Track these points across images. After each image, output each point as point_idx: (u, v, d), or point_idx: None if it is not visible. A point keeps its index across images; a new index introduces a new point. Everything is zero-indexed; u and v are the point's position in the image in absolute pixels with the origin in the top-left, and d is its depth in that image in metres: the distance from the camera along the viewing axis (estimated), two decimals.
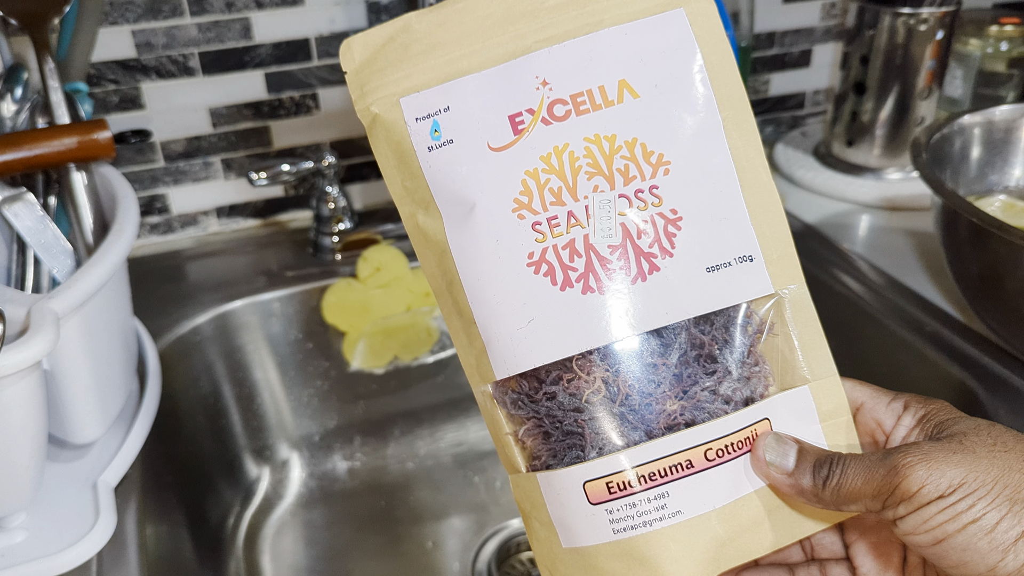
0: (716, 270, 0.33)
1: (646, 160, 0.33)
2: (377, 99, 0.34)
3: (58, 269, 0.51)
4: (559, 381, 0.33)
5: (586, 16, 0.34)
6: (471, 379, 0.35)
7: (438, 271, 0.35)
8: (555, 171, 0.33)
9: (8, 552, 0.46)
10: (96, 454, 0.53)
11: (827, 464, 0.32)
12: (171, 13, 0.72)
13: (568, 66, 0.33)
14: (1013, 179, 0.72)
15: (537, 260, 0.33)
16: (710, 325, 0.34)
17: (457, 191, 0.33)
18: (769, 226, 0.34)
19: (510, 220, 0.33)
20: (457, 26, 0.34)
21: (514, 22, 0.34)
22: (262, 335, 0.75)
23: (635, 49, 0.34)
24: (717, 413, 0.33)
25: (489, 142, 0.33)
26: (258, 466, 0.77)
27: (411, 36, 0.34)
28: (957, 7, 0.79)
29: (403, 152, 0.34)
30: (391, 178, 0.35)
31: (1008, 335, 0.59)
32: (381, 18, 0.78)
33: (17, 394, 0.41)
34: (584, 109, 0.33)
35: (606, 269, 0.33)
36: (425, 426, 0.82)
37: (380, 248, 0.77)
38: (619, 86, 0.33)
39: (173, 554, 0.59)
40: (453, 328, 0.35)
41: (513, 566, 0.72)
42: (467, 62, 0.34)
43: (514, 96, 0.33)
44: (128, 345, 0.55)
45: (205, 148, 0.79)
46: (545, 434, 0.34)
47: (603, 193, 0.33)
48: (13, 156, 0.50)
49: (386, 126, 0.34)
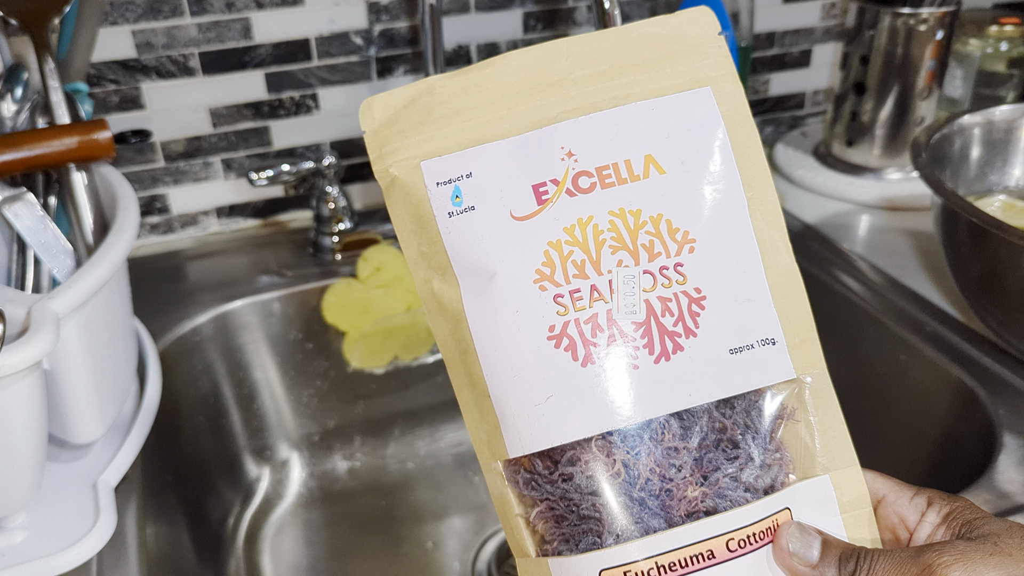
0: (739, 352, 0.32)
1: (671, 237, 0.33)
2: (397, 161, 0.34)
3: (58, 269, 0.51)
4: (576, 462, 0.32)
5: (613, 89, 0.34)
6: (480, 455, 0.34)
7: (452, 340, 0.34)
8: (579, 243, 0.32)
9: (8, 552, 0.46)
10: (96, 454, 0.53)
11: (854, 558, 0.31)
12: (171, 13, 0.72)
13: (594, 138, 0.33)
14: (1013, 179, 0.72)
15: (558, 334, 0.32)
16: (731, 409, 0.33)
17: (477, 259, 0.33)
18: (792, 310, 0.34)
19: (531, 291, 0.32)
20: (482, 92, 0.34)
21: (540, 91, 0.34)
22: (262, 335, 0.75)
23: (662, 125, 0.33)
24: (739, 501, 0.32)
25: (512, 211, 0.33)
26: (258, 466, 0.77)
27: (434, 99, 0.34)
28: (957, 7, 0.79)
29: (421, 216, 0.34)
30: (407, 242, 0.34)
31: (1008, 335, 0.59)
32: (381, 18, 0.78)
33: (17, 394, 0.41)
34: (609, 182, 0.33)
35: (629, 347, 0.32)
36: (425, 426, 0.82)
37: (380, 248, 0.77)
38: (645, 161, 0.33)
39: (173, 554, 0.59)
40: (464, 400, 0.34)
41: (513, 566, 0.72)
42: (491, 129, 0.33)
43: (538, 166, 0.33)
44: (128, 345, 0.55)
45: (205, 148, 0.79)
46: (559, 518, 0.32)
47: (627, 268, 0.32)
48: (13, 156, 0.50)
49: (405, 189, 0.34)
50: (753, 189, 0.34)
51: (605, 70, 0.34)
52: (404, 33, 0.79)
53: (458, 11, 0.80)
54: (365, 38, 0.78)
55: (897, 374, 0.65)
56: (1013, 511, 0.49)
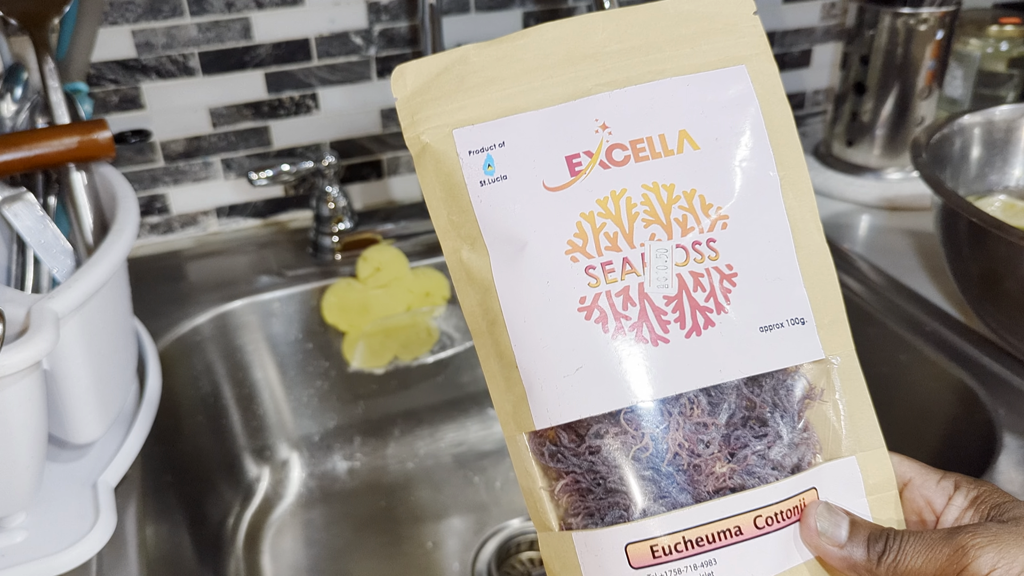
0: (769, 330, 0.33)
1: (704, 212, 0.33)
2: (428, 128, 0.34)
3: (58, 269, 0.51)
4: (604, 435, 0.31)
5: (648, 64, 0.34)
6: (505, 427, 0.34)
7: (479, 310, 0.34)
8: (611, 216, 0.32)
9: (8, 552, 0.46)
10: (96, 454, 0.53)
11: (883, 539, 0.31)
12: (171, 13, 0.72)
13: (628, 112, 0.33)
14: (1013, 179, 0.72)
15: (589, 305, 0.32)
16: (759, 387, 0.33)
17: (508, 228, 0.33)
18: (822, 290, 0.34)
19: (563, 262, 0.32)
20: (516, 62, 0.34)
21: (575, 64, 0.34)
22: (262, 335, 0.75)
23: (696, 101, 0.33)
24: (767, 479, 0.32)
25: (545, 181, 0.33)
26: (258, 466, 0.77)
27: (468, 68, 0.34)
28: (957, 7, 0.79)
29: (453, 185, 0.33)
30: (436, 211, 0.34)
31: (1008, 335, 0.59)
32: (381, 18, 0.78)
33: (17, 394, 0.41)
34: (643, 156, 0.33)
35: (661, 320, 0.32)
36: (425, 426, 0.82)
37: (380, 248, 0.77)
38: (679, 136, 0.33)
39: (173, 554, 0.59)
40: (490, 371, 0.34)
41: (513, 566, 0.72)
42: (525, 99, 0.33)
43: (572, 137, 0.33)
44: (128, 345, 0.55)
45: (205, 148, 0.79)
46: (584, 491, 0.32)
47: (660, 242, 0.32)
48: (13, 156, 0.50)
49: (436, 157, 0.34)
50: (786, 168, 0.34)
51: (640, 45, 0.34)
52: (404, 33, 0.79)
53: (458, 11, 0.80)
54: (365, 38, 0.78)
55: (897, 374, 0.65)
56: None
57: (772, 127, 0.34)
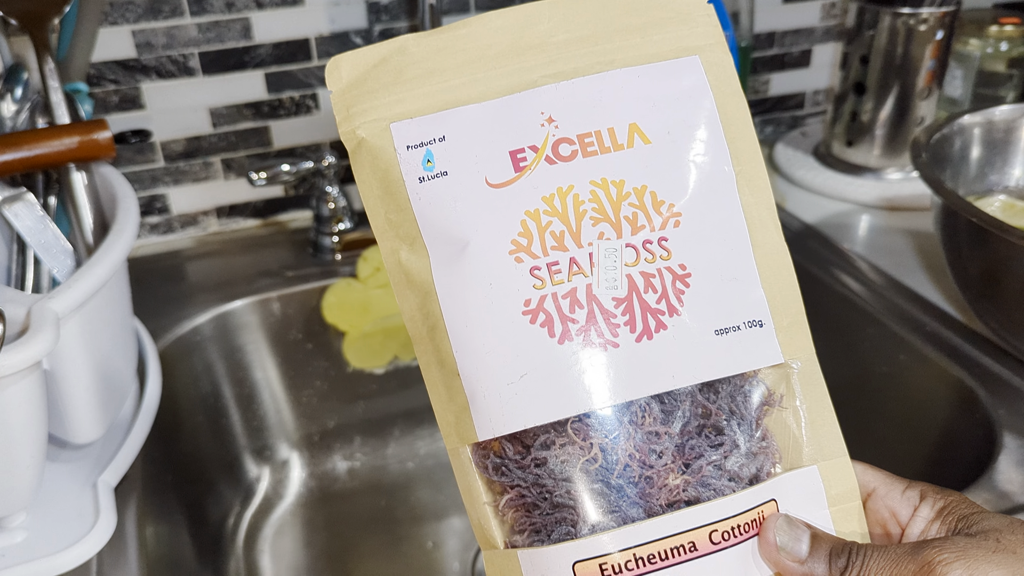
0: (725, 333, 0.31)
1: (656, 210, 0.31)
2: (364, 123, 0.32)
3: (58, 269, 0.51)
4: (551, 446, 0.30)
5: (597, 55, 0.32)
6: (447, 439, 0.32)
7: (419, 315, 0.32)
8: (558, 214, 0.31)
9: (8, 552, 0.46)
10: (96, 454, 0.53)
11: (845, 554, 0.29)
12: (171, 13, 0.72)
13: (576, 104, 0.32)
14: (1013, 179, 0.72)
15: (534, 308, 0.30)
16: (715, 394, 0.31)
17: (449, 227, 0.31)
18: (780, 291, 0.32)
19: (506, 262, 0.30)
20: (458, 53, 0.32)
21: (519, 54, 0.32)
22: (262, 335, 0.75)
23: (647, 93, 0.32)
24: (723, 491, 0.30)
25: (487, 177, 0.31)
26: (258, 466, 0.77)
27: (406, 59, 0.32)
28: (957, 7, 0.79)
29: (390, 182, 0.32)
30: (373, 209, 0.32)
31: (1008, 335, 0.59)
32: (381, 18, 0.78)
33: (17, 394, 0.41)
34: (592, 151, 0.31)
35: (610, 324, 0.30)
36: (425, 426, 0.82)
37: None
38: (630, 130, 0.32)
39: (173, 554, 0.59)
40: (431, 380, 0.32)
41: None
42: (467, 91, 0.32)
43: (516, 131, 0.31)
44: (128, 345, 0.55)
45: (205, 148, 0.79)
46: (530, 506, 0.30)
47: (609, 241, 0.31)
48: (13, 156, 0.50)
49: (373, 152, 0.32)
50: (742, 163, 0.32)
51: (588, 35, 0.32)
52: (404, 33, 0.79)
53: (458, 11, 0.80)
54: (365, 38, 0.78)
55: (897, 374, 0.65)
56: (1013, 511, 0.49)
57: (727, 120, 0.32)
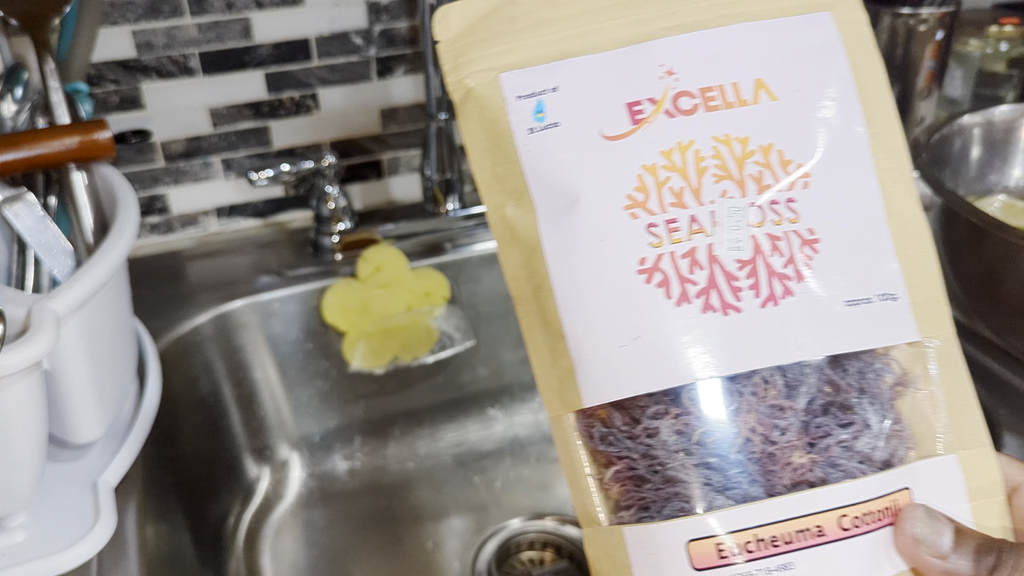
0: (856, 305, 0.29)
1: (783, 169, 0.29)
2: (473, 72, 0.31)
3: (58, 269, 0.51)
4: (664, 415, 0.28)
5: (719, 8, 0.31)
6: (549, 405, 0.30)
7: (523, 273, 0.30)
8: (677, 169, 0.29)
9: (8, 552, 0.46)
10: (96, 454, 0.53)
11: (994, 552, 0.27)
12: (171, 13, 0.72)
13: (698, 57, 0.30)
14: (1013, 179, 0.72)
15: (650, 267, 0.28)
16: (843, 370, 0.29)
17: (559, 180, 0.29)
18: (916, 263, 0.30)
19: (621, 218, 0.29)
20: (571, 3, 0.31)
21: (637, 6, 0.31)
22: (262, 335, 0.75)
23: (774, 48, 0.30)
24: (853, 473, 0.28)
25: (602, 130, 0.29)
26: (258, 466, 0.77)
27: (518, 8, 0.31)
28: (957, 7, 0.79)
29: (498, 133, 0.30)
30: (479, 162, 0.31)
31: (1008, 335, 0.59)
32: (381, 18, 0.78)
33: (17, 394, 0.41)
34: (714, 105, 0.30)
35: (732, 286, 0.28)
36: (425, 426, 0.82)
37: (380, 248, 0.77)
38: (755, 85, 0.30)
39: (173, 554, 0.59)
40: (533, 342, 0.30)
41: (513, 566, 0.72)
42: (581, 42, 0.30)
43: (634, 83, 0.30)
44: (128, 345, 0.55)
45: (205, 148, 0.79)
46: (639, 479, 0.28)
47: (732, 200, 0.29)
48: (13, 156, 0.50)
49: (481, 102, 0.31)
50: (876, 125, 0.31)
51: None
52: (404, 33, 0.79)
53: None
54: (365, 38, 0.78)
55: None
56: None
57: (861, 79, 0.30)
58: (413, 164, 0.86)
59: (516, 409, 0.85)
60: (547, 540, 0.73)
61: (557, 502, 0.76)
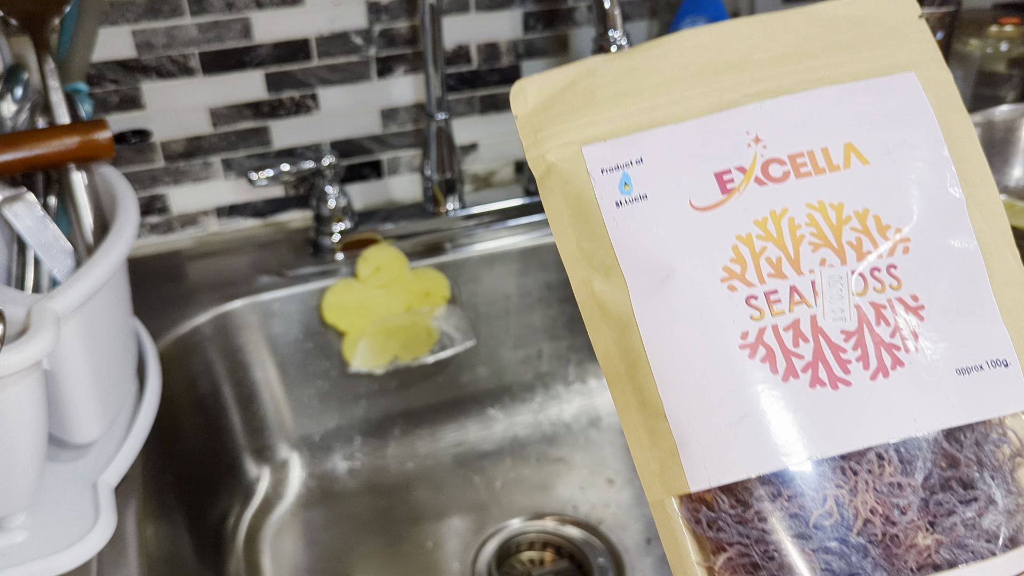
0: (966, 373, 0.28)
1: (881, 235, 0.29)
2: (554, 147, 0.31)
3: (58, 269, 0.51)
4: (776, 497, 0.26)
5: (802, 73, 0.31)
6: (649, 489, 0.29)
7: (616, 350, 0.30)
8: (773, 238, 0.29)
9: (8, 552, 0.46)
10: (96, 454, 0.53)
11: None
12: (171, 13, 0.72)
13: (785, 123, 0.30)
14: (1013, 179, 0.72)
15: (753, 342, 0.28)
16: (959, 443, 0.28)
17: (651, 253, 0.29)
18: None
19: (719, 291, 0.28)
20: (652, 73, 0.31)
21: (718, 74, 0.31)
22: (262, 335, 0.75)
23: (861, 111, 0.30)
24: (982, 553, 0.26)
25: (692, 200, 0.29)
26: (258, 466, 0.77)
27: (597, 81, 0.31)
28: (957, 7, 0.79)
29: (583, 207, 0.30)
30: (564, 237, 0.31)
31: None
32: (381, 18, 0.78)
33: (17, 394, 0.41)
34: (805, 172, 0.29)
35: (839, 359, 0.27)
36: (425, 426, 0.82)
37: (380, 248, 0.77)
38: (845, 150, 0.30)
39: (173, 554, 0.59)
40: (630, 423, 0.29)
41: (513, 566, 0.72)
42: (663, 112, 0.30)
43: (720, 151, 0.30)
44: (128, 345, 0.55)
45: (205, 148, 0.79)
46: (753, 567, 0.27)
47: (832, 268, 0.28)
48: (13, 156, 0.50)
49: (564, 177, 0.31)
50: (971, 186, 0.30)
51: (791, 52, 0.31)
52: (404, 33, 0.79)
53: (458, 11, 0.80)
54: (365, 38, 0.78)
55: None
56: None
57: (952, 140, 0.30)
58: (413, 164, 0.86)
59: (516, 409, 0.85)
60: (547, 540, 0.73)
61: (557, 502, 0.76)
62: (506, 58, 0.83)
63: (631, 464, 0.80)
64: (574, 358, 0.86)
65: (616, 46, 0.67)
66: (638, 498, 0.76)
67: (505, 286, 0.81)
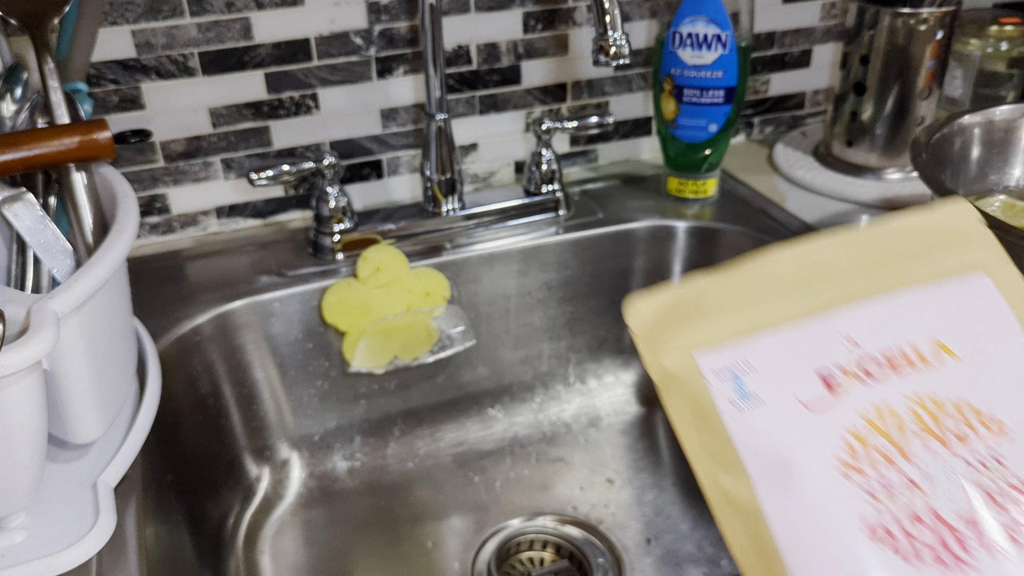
0: None
1: (981, 424, 0.32)
2: (670, 355, 0.34)
3: (58, 269, 0.51)
4: None
5: (882, 276, 0.34)
6: None
7: (748, 541, 0.32)
8: (880, 431, 0.32)
9: (8, 552, 0.46)
10: (96, 454, 0.53)
11: None
12: (171, 13, 0.72)
13: (873, 324, 0.33)
14: (1013, 179, 0.72)
15: (873, 525, 0.30)
16: None
17: (769, 450, 0.32)
18: None
19: (836, 481, 0.31)
20: (750, 286, 0.35)
21: (808, 283, 0.35)
22: (262, 335, 0.75)
23: (942, 309, 0.34)
24: None
25: (800, 398, 0.32)
26: (258, 466, 0.77)
27: (703, 298, 0.35)
28: (957, 7, 0.79)
29: (702, 408, 0.33)
30: (687, 437, 0.34)
31: None
32: (381, 18, 0.78)
33: (17, 394, 0.41)
34: (900, 368, 0.33)
35: (958, 540, 0.30)
36: (425, 426, 0.82)
37: (380, 248, 0.77)
38: (933, 346, 0.33)
39: (173, 554, 0.59)
40: None
41: (513, 566, 0.72)
42: (762, 318, 0.34)
43: (820, 353, 0.33)
44: (128, 345, 0.55)
45: (205, 148, 0.79)
46: None
47: (939, 456, 0.31)
48: (13, 156, 0.50)
49: (682, 383, 0.34)
50: None
51: (869, 261, 0.35)
52: (404, 33, 0.79)
53: (458, 11, 0.80)
54: (365, 38, 0.78)
55: None
56: None
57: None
58: (413, 164, 0.86)
59: (516, 409, 0.85)
60: (547, 540, 0.73)
61: (557, 502, 0.76)
62: (506, 58, 0.83)
63: (631, 464, 0.80)
64: (574, 358, 0.86)
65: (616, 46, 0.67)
66: (638, 498, 0.76)
67: (505, 286, 0.81)
